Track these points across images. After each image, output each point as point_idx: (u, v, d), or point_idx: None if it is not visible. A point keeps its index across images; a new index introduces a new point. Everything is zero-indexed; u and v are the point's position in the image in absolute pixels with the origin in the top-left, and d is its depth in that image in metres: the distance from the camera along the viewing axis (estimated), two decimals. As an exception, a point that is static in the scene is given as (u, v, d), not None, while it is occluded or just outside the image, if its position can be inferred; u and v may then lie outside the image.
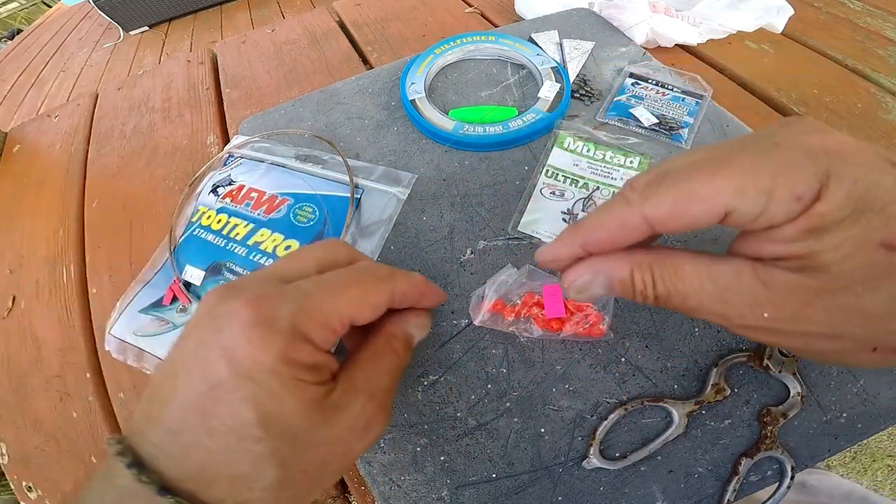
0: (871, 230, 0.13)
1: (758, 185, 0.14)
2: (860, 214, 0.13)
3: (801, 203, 0.14)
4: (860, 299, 0.14)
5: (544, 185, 0.36)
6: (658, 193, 0.15)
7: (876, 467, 0.95)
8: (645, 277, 0.17)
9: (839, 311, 0.15)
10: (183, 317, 0.33)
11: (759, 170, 0.14)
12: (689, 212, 0.15)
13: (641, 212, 0.16)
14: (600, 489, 0.25)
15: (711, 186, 0.15)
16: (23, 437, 0.34)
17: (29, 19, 2.60)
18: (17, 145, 0.57)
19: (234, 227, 0.35)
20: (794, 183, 0.14)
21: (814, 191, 0.14)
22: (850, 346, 0.16)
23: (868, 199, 0.13)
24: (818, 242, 0.14)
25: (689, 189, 0.15)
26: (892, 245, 0.13)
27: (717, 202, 0.14)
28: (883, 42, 0.53)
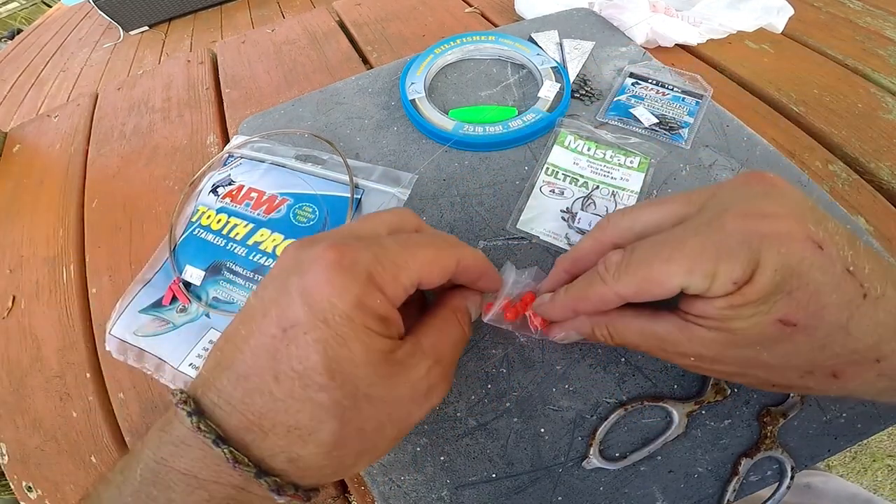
0: (776, 309, 0.17)
1: (704, 270, 0.18)
2: (773, 296, 0.17)
3: (736, 286, 0.17)
4: (759, 353, 0.19)
5: (544, 183, 0.36)
6: (626, 276, 0.20)
7: (876, 467, 0.95)
8: (603, 333, 0.23)
9: (743, 360, 0.19)
10: (183, 316, 0.33)
11: (705, 256, 0.18)
12: (651, 291, 0.19)
13: (615, 290, 0.20)
14: (600, 489, 0.25)
15: (667, 271, 0.18)
16: (23, 437, 0.34)
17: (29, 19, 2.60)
18: (17, 145, 0.57)
19: (233, 226, 0.35)
20: (732, 270, 0.17)
21: (747, 276, 0.17)
22: (755, 381, 0.21)
23: (782, 285, 0.17)
24: (735, 313, 0.18)
25: (649, 274, 0.19)
26: (787, 321, 0.17)
27: (672, 284, 0.18)
28: (883, 42, 0.53)
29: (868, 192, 0.39)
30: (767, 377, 0.20)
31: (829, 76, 0.49)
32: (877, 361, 0.18)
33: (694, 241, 0.18)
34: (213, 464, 0.17)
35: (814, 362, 0.18)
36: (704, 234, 0.18)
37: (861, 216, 0.37)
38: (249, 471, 0.17)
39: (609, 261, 0.20)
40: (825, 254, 0.17)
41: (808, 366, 0.19)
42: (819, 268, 0.17)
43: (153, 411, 0.34)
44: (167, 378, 0.31)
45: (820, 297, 0.17)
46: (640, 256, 0.19)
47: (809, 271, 0.17)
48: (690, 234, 0.19)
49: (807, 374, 0.19)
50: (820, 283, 0.17)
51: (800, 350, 0.18)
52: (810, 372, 0.19)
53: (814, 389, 0.20)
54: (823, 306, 0.17)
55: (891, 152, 0.42)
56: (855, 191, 0.39)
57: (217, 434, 0.17)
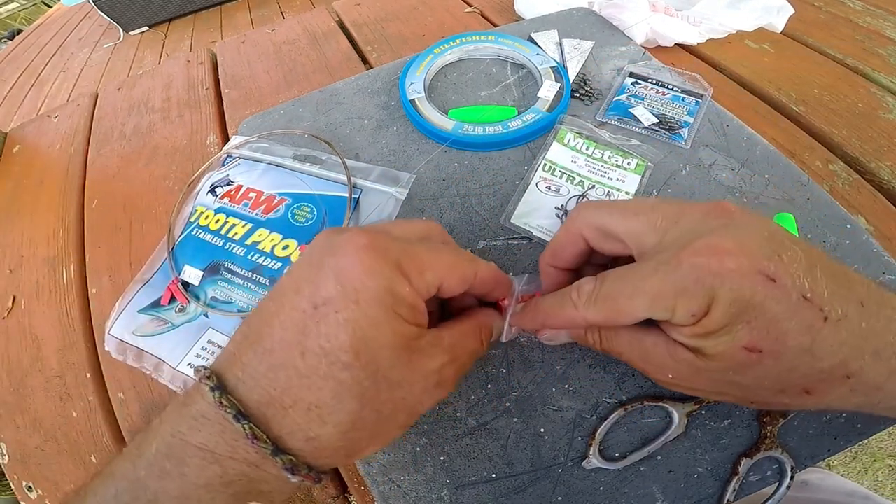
0: (739, 338, 0.19)
1: (664, 305, 0.19)
2: (732, 327, 0.18)
3: (695, 318, 0.19)
4: (733, 377, 0.20)
5: (540, 179, 0.36)
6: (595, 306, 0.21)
7: (877, 467, 0.95)
8: (594, 337, 0.24)
9: (719, 381, 0.21)
10: (181, 316, 0.33)
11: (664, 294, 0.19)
12: (618, 320, 0.21)
13: (584, 316, 0.21)
14: (600, 489, 0.25)
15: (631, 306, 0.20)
16: (23, 437, 0.34)
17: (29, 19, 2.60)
18: (17, 145, 0.57)
19: (232, 226, 0.35)
20: (689, 305, 0.19)
21: (703, 310, 0.19)
22: (733, 399, 0.22)
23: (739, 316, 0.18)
24: (703, 342, 0.19)
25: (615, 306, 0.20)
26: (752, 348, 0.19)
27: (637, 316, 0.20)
28: (883, 41, 0.53)
29: (868, 191, 0.39)
30: (744, 396, 0.21)
31: (830, 76, 0.49)
32: (847, 378, 0.19)
33: (653, 279, 0.19)
34: (231, 439, 0.18)
35: (784, 383, 0.19)
36: (662, 272, 0.19)
37: (861, 216, 0.37)
38: (266, 448, 0.17)
39: (581, 289, 0.22)
40: (778, 285, 0.18)
41: (779, 385, 0.20)
42: (773, 299, 0.18)
43: (153, 411, 0.34)
44: (166, 378, 0.31)
45: (779, 324, 0.18)
46: (608, 291, 0.21)
47: (764, 302, 0.18)
48: (650, 273, 0.20)
49: (780, 392, 0.20)
50: (776, 312, 0.18)
51: (768, 373, 0.19)
52: (783, 391, 0.20)
53: (791, 405, 0.21)
54: (784, 332, 0.18)
55: (891, 152, 0.41)
56: (855, 190, 0.39)
57: (238, 409, 0.17)
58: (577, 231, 0.24)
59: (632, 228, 0.22)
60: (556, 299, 0.23)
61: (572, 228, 0.24)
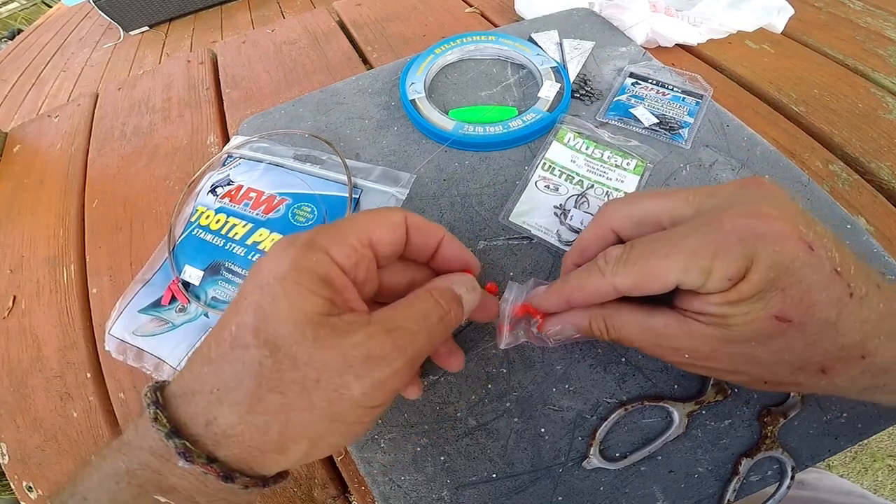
0: (771, 305, 0.18)
1: (700, 266, 0.18)
2: (767, 293, 0.18)
3: (731, 283, 0.18)
4: (753, 350, 0.19)
5: (539, 178, 0.36)
6: (625, 270, 0.20)
7: (877, 467, 0.95)
8: (600, 326, 0.23)
9: (737, 356, 0.20)
10: (182, 316, 0.33)
11: (702, 253, 0.18)
12: (649, 285, 0.20)
13: (612, 283, 0.21)
14: (600, 489, 0.25)
15: (665, 267, 0.19)
16: (23, 437, 0.34)
17: (29, 19, 2.59)
18: (17, 145, 0.57)
19: (232, 226, 0.35)
20: (727, 267, 0.18)
21: (741, 273, 0.18)
22: (748, 379, 0.21)
23: (776, 282, 0.18)
24: (732, 309, 0.19)
25: (648, 268, 0.20)
26: (783, 317, 0.18)
27: (669, 279, 0.19)
28: (883, 42, 0.53)
29: (868, 192, 0.39)
30: (760, 374, 0.21)
31: (830, 76, 0.49)
32: (862, 358, 0.19)
33: (691, 238, 0.19)
34: (144, 428, 0.18)
35: (804, 358, 0.19)
36: (702, 232, 0.19)
37: (861, 216, 0.37)
38: (163, 430, 0.17)
39: (609, 255, 0.21)
40: (815, 254, 0.18)
41: (799, 362, 0.19)
42: (810, 266, 0.18)
43: (153, 411, 0.34)
44: (166, 378, 0.31)
45: (811, 294, 0.18)
46: (639, 252, 0.20)
47: (801, 269, 0.18)
48: (689, 232, 0.19)
49: (797, 370, 0.20)
50: (811, 281, 0.18)
51: (792, 346, 0.19)
52: (800, 368, 0.20)
53: (803, 386, 0.21)
54: (814, 304, 0.18)
55: (891, 152, 0.42)
56: (855, 191, 0.39)
57: (154, 399, 0.18)
58: (607, 225, 0.24)
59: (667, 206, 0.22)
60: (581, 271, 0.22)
61: (602, 223, 0.24)
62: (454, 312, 0.21)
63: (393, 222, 0.22)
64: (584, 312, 0.23)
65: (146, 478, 0.17)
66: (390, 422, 0.28)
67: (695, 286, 0.19)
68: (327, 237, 0.20)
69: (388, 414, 0.28)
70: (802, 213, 0.19)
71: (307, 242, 0.19)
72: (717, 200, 0.20)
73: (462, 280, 0.23)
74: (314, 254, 0.19)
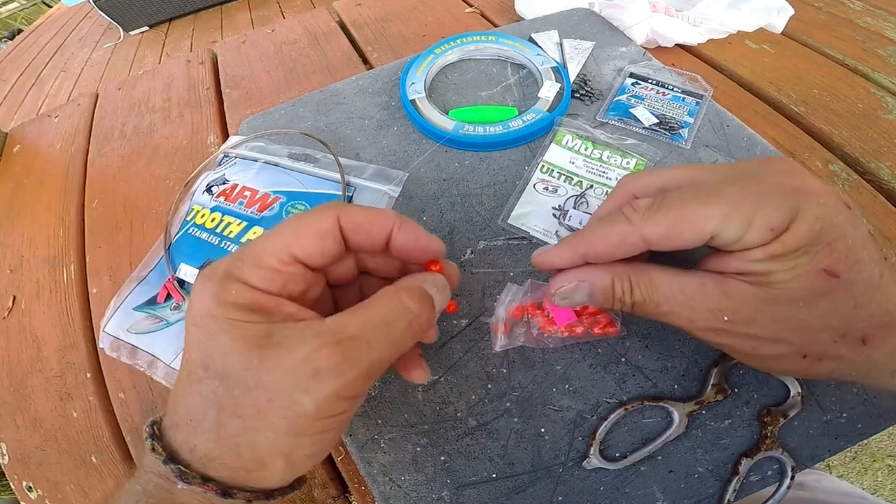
0: (818, 259, 0.17)
1: (741, 215, 0.17)
2: (813, 246, 0.17)
3: (774, 234, 0.17)
4: (799, 311, 0.18)
5: (538, 181, 0.36)
6: (658, 216, 0.19)
7: (876, 467, 0.95)
8: (624, 286, 0.20)
9: (782, 319, 0.19)
10: (177, 314, 0.33)
11: (743, 202, 0.18)
12: (682, 234, 0.18)
13: (641, 231, 0.19)
14: (600, 489, 0.25)
15: (703, 214, 0.18)
16: (23, 437, 0.34)
17: (29, 19, 2.59)
18: (17, 145, 0.57)
19: (227, 225, 0.35)
20: (770, 216, 0.17)
21: (785, 224, 0.17)
22: (787, 350, 0.20)
23: (822, 235, 0.17)
24: (776, 265, 0.18)
25: (683, 215, 0.18)
26: (832, 272, 0.17)
27: (707, 227, 0.18)
28: (883, 42, 0.53)
29: (868, 192, 0.39)
30: (802, 343, 0.19)
31: (830, 76, 0.49)
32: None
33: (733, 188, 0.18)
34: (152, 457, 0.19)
35: (850, 323, 0.18)
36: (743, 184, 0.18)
37: (861, 216, 0.37)
38: (159, 457, 0.18)
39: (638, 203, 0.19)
40: (853, 213, 0.18)
41: (844, 327, 0.18)
42: (851, 223, 0.18)
43: (153, 411, 0.34)
44: (160, 375, 0.31)
45: (856, 251, 0.18)
46: (674, 199, 0.19)
47: (845, 226, 0.18)
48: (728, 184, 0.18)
49: (840, 338, 0.19)
50: (854, 237, 0.18)
51: (839, 307, 0.18)
52: (844, 336, 0.19)
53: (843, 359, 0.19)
54: (860, 260, 0.18)
55: (891, 152, 0.42)
56: (855, 191, 0.39)
57: (151, 431, 0.19)
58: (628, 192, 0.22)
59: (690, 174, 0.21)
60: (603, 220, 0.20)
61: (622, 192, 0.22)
62: (426, 315, 0.20)
63: (319, 231, 0.20)
64: (605, 269, 0.21)
65: (160, 497, 0.19)
66: (390, 422, 0.28)
67: (733, 237, 0.18)
68: (243, 265, 0.19)
69: (388, 414, 0.28)
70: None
71: (224, 275, 0.19)
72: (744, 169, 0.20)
73: (432, 280, 0.21)
74: (232, 286, 0.18)
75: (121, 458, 0.33)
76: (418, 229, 0.21)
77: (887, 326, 0.18)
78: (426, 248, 0.22)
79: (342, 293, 0.24)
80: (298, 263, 0.19)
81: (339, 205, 0.20)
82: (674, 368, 0.28)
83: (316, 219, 0.20)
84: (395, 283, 0.21)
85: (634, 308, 0.21)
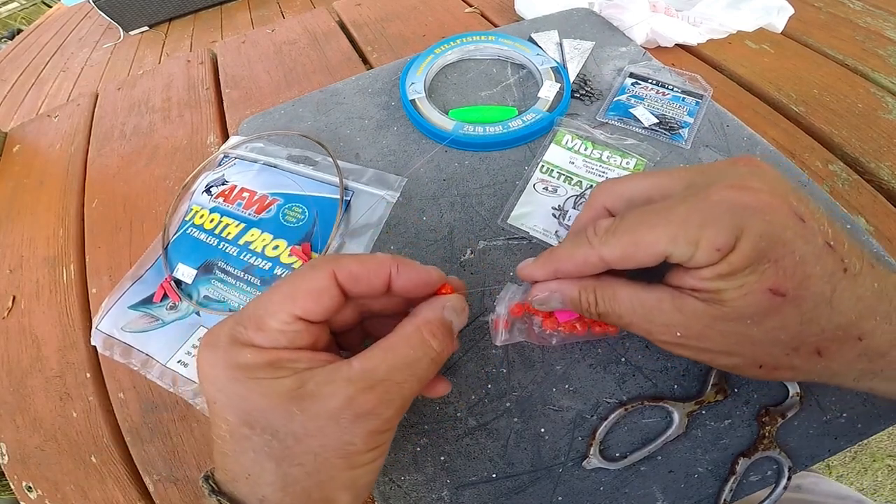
0: (765, 278, 0.18)
1: (688, 236, 0.18)
2: (759, 265, 0.18)
3: (720, 254, 0.18)
4: (748, 329, 0.19)
5: (538, 181, 0.36)
6: (613, 240, 0.20)
7: (876, 467, 0.95)
8: (589, 298, 0.22)
9: (731, 335, 0.19)
10: (172, 314, 0.33)
11: (690, 223, 0.18)
12: (636, 255, 0.19)
13: (600, 254, 0.20)
14: (600, 489, 0.25)
15: (653, 237, 0.19)
16: (23, 437, 0.34)
17: (29, 19, 2.59)
18: (17, 145, 0.57)
19: (225, 226, 0.35)
20: (716, 237, 0.18)
21: (730, 244, 0.18)
22: (742, 361, 0.21)
23: (768, 252, 0.17)
24: (724, 283, 0.18)
25: (635, 238, 0.19)
26: (777, 291, 0.18)
27: (657, 249, 0.19)
28: (883, 42, 0.53)
29: (868, 192, 0.39)
30: (754, 356, 0.20)
31: (829, 76, 0.49)
32: (859, 340, 0.18)
33: (680, 209, 0.19)
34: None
35: (799, 338, 0.19)
36: (690, 203, 0.19)
37: (861, 216, 0.37)
38: None
39: (599, 226, 0.21)
40: (807, 226, 0.18)
41: (794, 342, 0.19)
42: (802, 238, 0.18)
43: (153, 411, 0.34)
44: (154, 375, 0.31)
45: (805, 267, 0.18)
46: (628, 223, 0.20)
47: (794, 240, 0.17)
48: (677, 204, 0.19)
49: (793, 351, 0.19)
50: (804, 252, 0.17)
51: (787, 324, 0.18)
52: (796, 349, 0.19)
53: (799, 370, 0.20)
54: (808, 276, 0.18)
55: (891, 152, 0.42)
56: (855, 191, 0.39)
57: (211, 487, 0.20)
58: (600, 204, 0.24)
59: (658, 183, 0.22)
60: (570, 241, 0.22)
61: (595, 203, 0.24)
62: (448, 348, 0.21)
63: (316, 289, 0.20)
64: (574, 283, 0.23)
65: None
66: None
67: (683, 258, 0.19)
68: (246, 330, 0.19)
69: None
70: (794, 189, 0.19)
71: (229, 343, 0.19)
72: (707, 176, 0.20)
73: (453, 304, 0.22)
74: (244, 351, 0.19)
75: (120, 458, 0.33)
76: (415, 267, 0.22)
77: (841, 340, 0.19)
78: (427, 282, 0.22)
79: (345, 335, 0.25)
80: (301, 321, 0.20)
81: (333, 259, 0.21)
82: (674, 368, 0.28)
83: (311, 277, 0.20)
84: (414, 315, 0.21)
85: (601, 318, 0.23)
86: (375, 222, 0.35)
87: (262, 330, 0.19)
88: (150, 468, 0.32)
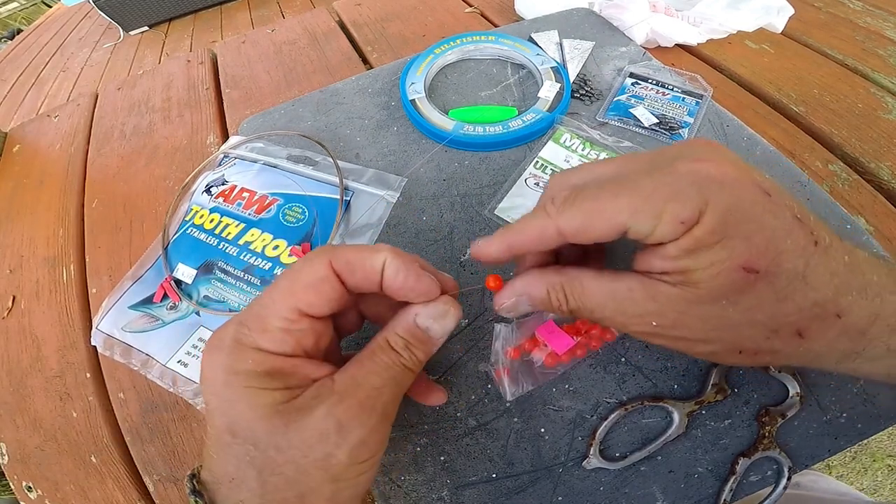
0: (736, 255, 0.17)
1: (650, 208, 0.17)
2: (728, 240, 0.17)
3: (684, 227, 0.17)
4: (723, 310, 0.18)
5: (530, 176, 0.36)
6: (571, 210, 0.19)
7: (876, 467, 0.95)
8: (559, 296, 0.21)
9: (708, 319, 0.18)
10: (172, 314, 0.33)
11: (653, 195, 0.17)
12: (595, 226, 0.18)
13: (557, 224, 0.19)
14: (600, 489, 0.25)
15: (613, 206, 0.18)
16: (23, 437, 0.34)
17: (29, 19, 2.59)
18: (17, 145, 0.57)
19: (225, 226, 0.35)
20: (680, 209, 0.17)
21: (694, 217, 0.17)
22: (721, 348, 0.20)
23: (736, 227, 0.17)
24: (693, 262, 0.17)
25: (595, 207, 0.18)
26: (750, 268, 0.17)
27: (617, 219, 0.18)
28: (883, 42, 0.53)
29: (868, 192, 0.39)
30: (733, 341, 0.19)
31: (829, 76, 0.49)
32: (837, 317, 0.18)
33: (644, 181, 0.18)
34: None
35: (777, 317, 0.18)
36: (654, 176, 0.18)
37: (861, 216, 0.37)
38: None
39: (557, 196, 0.19)
40: (773, 200, 0.17)
41: (772, 322, 0.18)
42: (771, 213, 0.17)
43: (153, 411, 0.34)
44: (154, 375, 0.31)
45: (776, 242, 0.17)
46: (588, 193, 0.19)
47: (763, 215, 0.17)
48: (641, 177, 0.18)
49: (773, 333, 0.19)
50: (774, 227, 0.17)
51: (762, 303, 0.18)
52: (776, 331, 0.18)
53: (780, 353, 0.19)
54: (780, 252, 0.17)
55: (891, 152, 0.42)
56: (855, 191, 0.39)
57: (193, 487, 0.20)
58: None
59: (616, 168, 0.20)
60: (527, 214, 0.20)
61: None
62: (417, 355, 0.21)
63: (315, 280, 0.20)
64: (540, 281, 0.21)
65: None
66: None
67: (645, 231, 0.18)
68: (250, 331, 0.19)
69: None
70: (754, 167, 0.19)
71: (234, 345, 0.19)
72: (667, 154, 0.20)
73: (430, 312, 0.21)
74: (248, 355, 0.19)
75: (120, 457, 0.33)
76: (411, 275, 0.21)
77: (820, 318, 0.18)
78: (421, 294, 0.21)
79: None
80: (305, 317, 0.20)
81: (329, 248, 0.21)
82: (674, 368, 0.28)
83: (308, 268, 0.20)
84: (386, 326, 0.22)
85: (573, 314, 0.21)
86: (375, 222, 0.35)
87: (266, 331, 0.19)
88: (150, 468, 0.32)
